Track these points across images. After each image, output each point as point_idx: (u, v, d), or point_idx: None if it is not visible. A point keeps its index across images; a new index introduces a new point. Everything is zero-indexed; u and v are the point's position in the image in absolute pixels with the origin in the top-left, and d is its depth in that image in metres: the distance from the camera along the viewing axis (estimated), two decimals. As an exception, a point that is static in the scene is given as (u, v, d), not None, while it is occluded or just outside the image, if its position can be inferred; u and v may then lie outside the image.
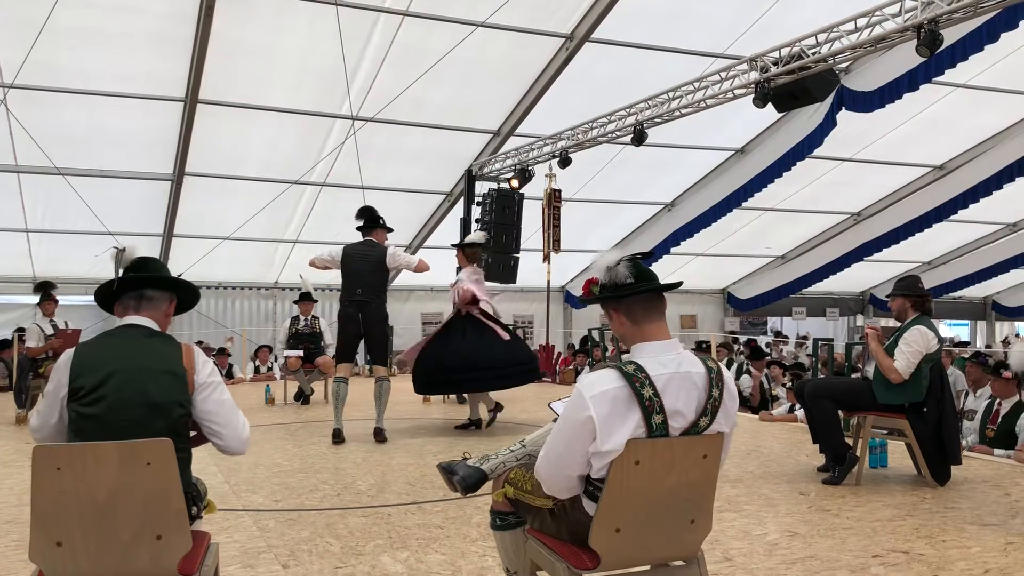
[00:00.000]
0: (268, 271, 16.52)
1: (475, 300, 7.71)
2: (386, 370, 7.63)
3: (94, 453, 2.32)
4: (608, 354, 12.70)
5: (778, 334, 21.08)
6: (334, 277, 17.11)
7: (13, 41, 9.94)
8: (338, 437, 7.16)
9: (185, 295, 2.90)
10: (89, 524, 2.33)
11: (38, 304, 9.35)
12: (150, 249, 14.78)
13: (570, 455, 2.46)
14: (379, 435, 7.29)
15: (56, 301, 9.41)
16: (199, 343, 14.61)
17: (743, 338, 15.78)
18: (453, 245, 8.52)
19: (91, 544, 2.35)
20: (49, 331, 8.98)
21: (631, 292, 2.56)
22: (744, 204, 15.13)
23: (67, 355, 2.62)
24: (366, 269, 7.58)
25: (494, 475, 3.04)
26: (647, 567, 2.63)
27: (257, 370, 13.61)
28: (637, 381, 2.39)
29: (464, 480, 3.02)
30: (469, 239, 8.08)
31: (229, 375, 13.14)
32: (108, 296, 2.79)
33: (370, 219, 7.80)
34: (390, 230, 7.99)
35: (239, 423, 2.76)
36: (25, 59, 10.04)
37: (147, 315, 2.74)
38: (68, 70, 10.70)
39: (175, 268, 12.27)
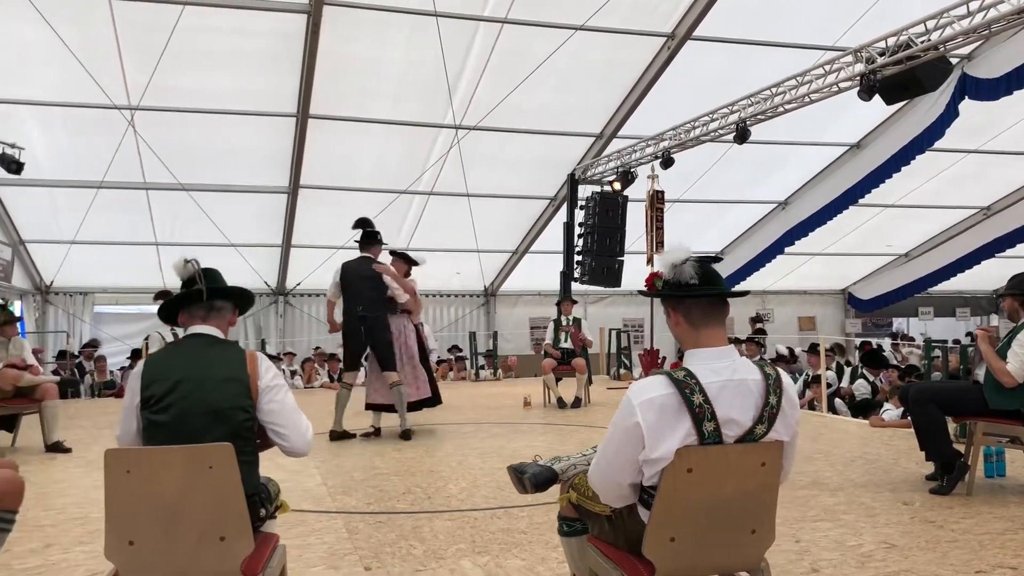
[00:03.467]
0: (381, 279, 16.91)
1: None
2: (398, 375, 7.76)
3: (160, 457, 2.44)
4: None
5: (895, 336, 20.16)
6: (442, 284, 17.42)
7: (137, 66, 10.58)
8: (336, 437, 7.68)
9: (243, 303, 3.03)
10: (158, 525, 2.45)
11: (166, 313, 9.86)
12: (270, 259, 15.46)
13: (620, 462, 2.43)
14: (406, 435, 7.65)
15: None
16: (316, 349, 15.14)
17: (858, 341, 15.12)
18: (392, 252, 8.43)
19: (160, 544, 2.47)
20: (170, 338, 9.48)
21: (692, 294, 2.51)
22: (861, 201, 14.59)
23: (139, 366, 2.77)
24: (365, 286, 7.73)
25: (564, 476, 3.02)
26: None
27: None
28: (687, 388, 2.34)
29: (534, 478, 3.01)
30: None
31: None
32: (173, 307, 2.93)
33: (367, 234, 7.88)
34: (383, 244, 8.09)
35: (302, 425, 2.85)
36: (148, 82, 10.68)
37: (213, 324, 2.87)
38: (188, 91, 11.30)
39: (294, 277, 12.67)
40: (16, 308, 13.87)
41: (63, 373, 12.53)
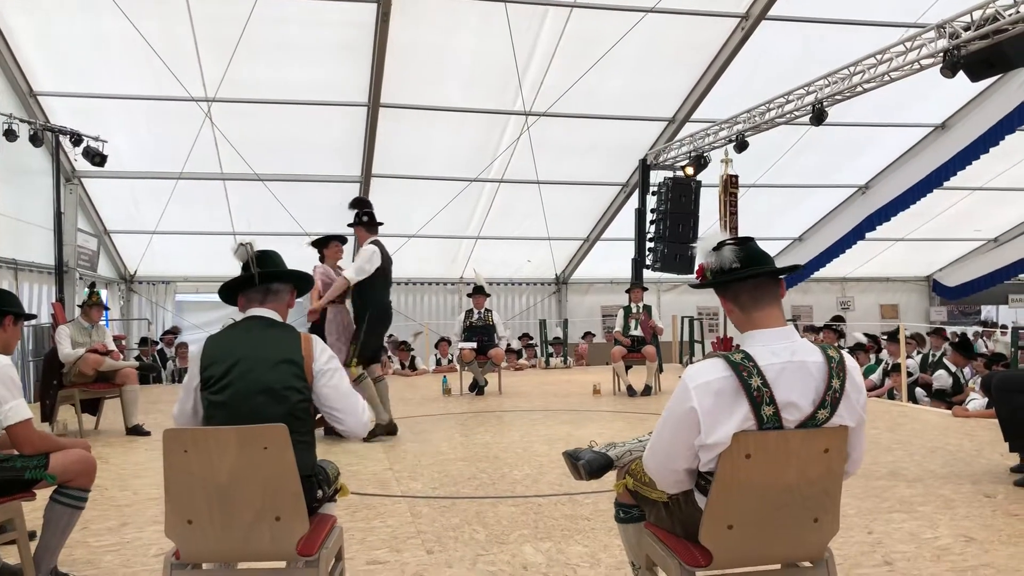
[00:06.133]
0: (452, 266, 17.01)
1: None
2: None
3: (216, 437, 2.46)
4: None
5: (984, 324, 19.39)
6: (514, 271, 17.38)
7: (213, 59, 10.82)
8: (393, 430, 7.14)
9: (302, 285, 3.04)
10: (215, 504, 2.48)
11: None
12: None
13: (675, 448, 2.36)
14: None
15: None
16: (389, 336, 15.28)
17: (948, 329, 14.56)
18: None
19: (217, 523, 2.49)
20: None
21: (734, 278, 2.42)
22: (947, 184, 14.05)
23: (198, 347, 2.81)
24: (390, 272, 7.39)
25: (620, 463, 2.97)
26: (771, 567, 2.48)
27: (439, 362, 14.07)
28: (744, 370, 2.25)
29: (589, 464, 2.96)
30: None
31: (412, 367, 13.67)
32: (233, 289, 2.96)
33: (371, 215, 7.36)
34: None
35: (358, 408, 2.86)
36: (224, 75, 10.91)
37: (271, 307, 2.89)
38: (261, 82, 11.51)
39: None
40: (102, 296, 14.40)
41: (145, 359, 12.92)
